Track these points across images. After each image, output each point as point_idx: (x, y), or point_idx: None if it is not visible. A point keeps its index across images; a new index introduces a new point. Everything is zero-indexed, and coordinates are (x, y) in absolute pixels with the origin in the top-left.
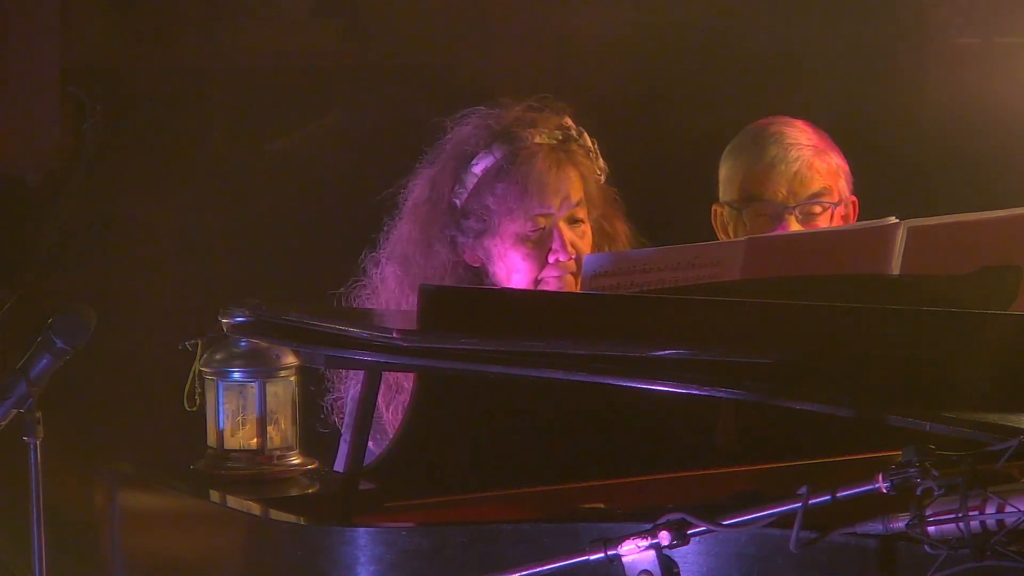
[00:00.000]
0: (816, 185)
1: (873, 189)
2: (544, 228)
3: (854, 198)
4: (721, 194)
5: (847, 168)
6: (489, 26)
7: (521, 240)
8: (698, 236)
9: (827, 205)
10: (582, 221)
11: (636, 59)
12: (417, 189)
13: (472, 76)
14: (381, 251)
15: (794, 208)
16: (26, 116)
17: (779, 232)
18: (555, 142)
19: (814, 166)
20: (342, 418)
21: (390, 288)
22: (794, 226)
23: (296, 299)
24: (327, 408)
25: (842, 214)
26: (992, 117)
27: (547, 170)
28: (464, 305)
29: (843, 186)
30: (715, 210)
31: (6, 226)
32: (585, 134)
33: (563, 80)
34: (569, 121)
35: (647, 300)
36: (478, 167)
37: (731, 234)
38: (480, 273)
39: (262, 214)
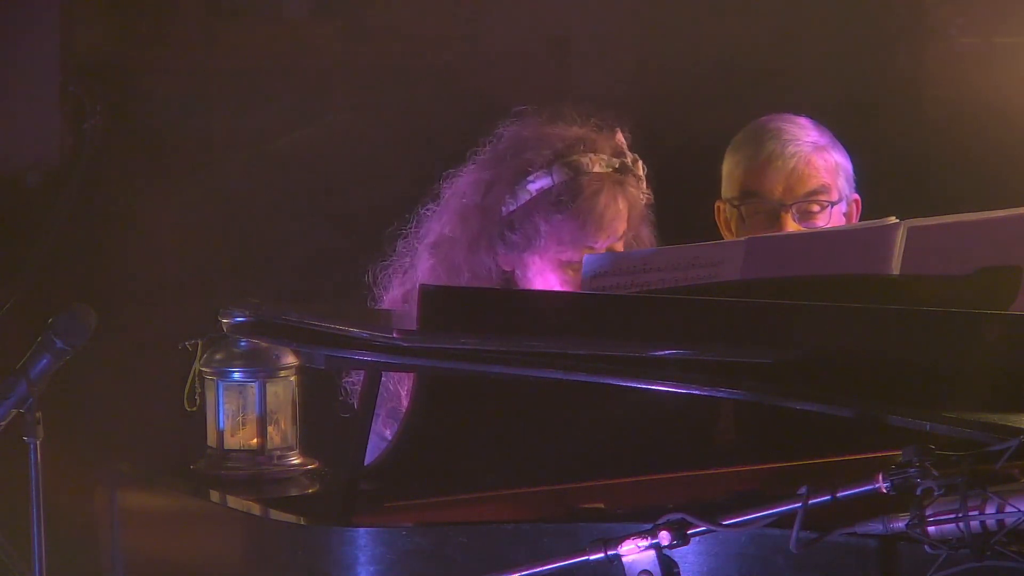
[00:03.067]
0: (813, 183)
1: (873, 189)
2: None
3: (856, 196)
4: (723, 190)
5: (849, 166)
6: (489, 26)
7: (563, 267)
8: (698, 236)
9: (825, 203)
10: (620, 244)
11: (636, 59)
12: (467, 188)
13: (472, 76)
14: (418, 235)
15: (791, 206)
16: (26, 116)
17: (778, 232)
18: (612, 171)
19: (812, 163)
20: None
21: (424, 278)
22: (791, 224)
23: (296, 299)
24: (347, 389)
25: (843, 212)
26: (992, 117)
27: (604, 208)
28: (464, 305)
29: (843, 184)
30: (718, 207)
31: (6, 226)
32: (638, 160)
33: (563, 80)
34: (621, 140)
35: (647, 300)
36: (534, 185)
37: (733, 231)
38: (509, 279)
39: (262, 214)
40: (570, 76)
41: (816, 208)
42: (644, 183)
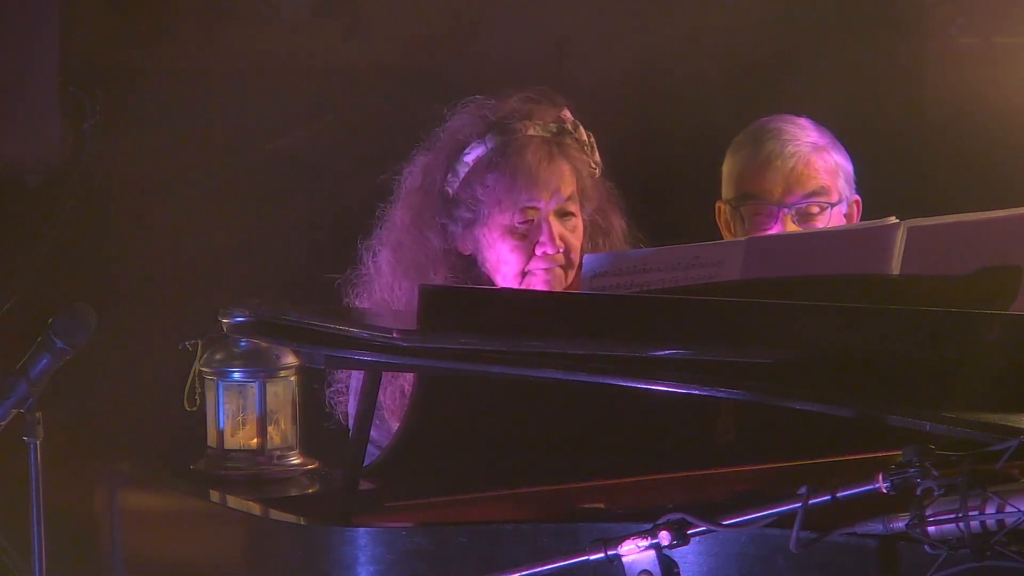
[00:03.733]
0: (812, 184)
1: (873, 189)
2: (533, 220)
3: (857, 197)
4: (723, 191)
5: (850, 167)
6: (489, 26)
7: (509, 232)
8: (698, 236)
9: (824, 205)
10: (573, 215)
11: (636, 59)
12: (411, 176)
13: (472, 76)
14: (375, 238)
15: (790, 208)
16: (26, 116)
17: (778, 232)
18: (548, 135)
19: (811, 164)
20: (345, 412)
21: (384, 275)
22: (790, 226)
23: (296, 299)
24: (330, 403)
25: (843, 213)
26: (992, 117)
27: (537, 163)
28: (464, 305)
29: (843, 185)
30: (718, 207)
31: (6, 226)
32: (581, 128)
33: (563, 80)
34: (567, 114)
35: (647, 300)
36: (470, 156)
37: (732, 232)
38: (471, 261)
39: (262, 214)
40: (570, 76)
41: (815, 210)
42: (593, 152)
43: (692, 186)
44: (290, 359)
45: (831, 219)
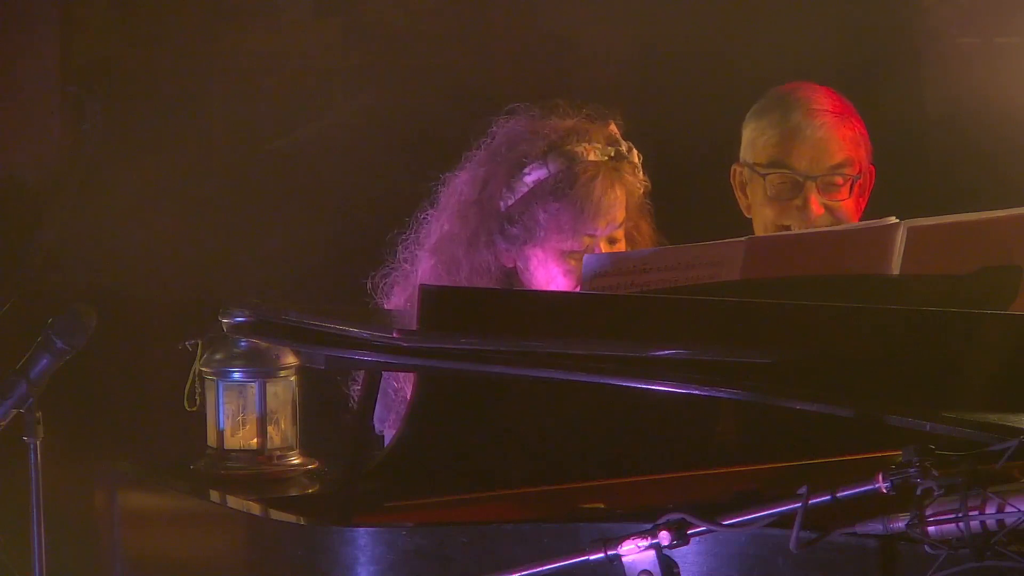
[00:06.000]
0: (839, 156)
1: (873, 189)
2: (587, 247)
3: (872, 167)
4: (742, 154)
5: (867, 136)
6: (489, 26)
7: (564, 256)
8: (699, 236)
9: (848, 177)
10: (619, 240)
11: (636, 60)
12: (464, 186)
13: (472, 76)
14: (416, 240)
15: (816, 178)
16: (26, 116)
17: (778, 232)
18: (607, 159)
19: (838, 133)
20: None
21: (427, 280)
22: (814, 196)
23: (296, 298)
24: (354, 399)
25: (860, 183)
26: (992, 117)
27: (601, 195)
28: (464, 305)
29: (863, 155)
30: (735, 169)
31: (6, 226)
32: (633, 148)
33: (563, 80)
34: (615, 129)
35: (647, 300)
36: (530, 177)
37: (748, 195)
38: (511, 274)
39: (262, 214)
40: (571, 75)
41: (840, 181)
42: (640, 171)
43: (692, 186)
44: (290, 359)
45: (853, 190)
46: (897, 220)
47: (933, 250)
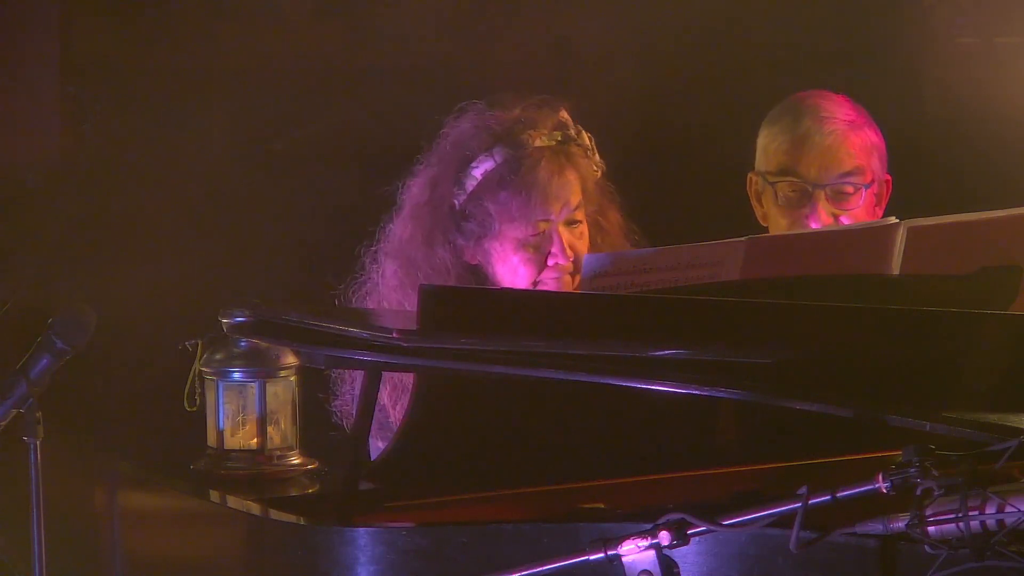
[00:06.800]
0: (848, 164)
1: None
2: (544, 232)
3: (888, 176)
4: (756, 163)
5: (883, 145)
6: (489, 26)
7: (522, 245)
8: (699, 235)
9: (858, 185)
10: (580, 222)
11: (636, 59)
12: (416, 189)
13: (472, 76)
14: (380, 248)
15: (825, 186)
16: (26, 116)
17: (778, 232)
18: (555, 143)
19: (848, 142)
20: (350, 421)
21: (391, 286)
22: (823, 204)
23: (296, 299)
24: (337, 414)
25: (875, 192)
26: (992, 117)
27: (549, 178)
28: (464, 305)
29: (876, 164)
30: (750, 178)
31: (6, 226)
32: (583, 132)
33: (563, 80)
34: (566, 115)
35: (647, 300)
36: (478, 171)
37: (764, 204)
38: (479, 271)
39: (262, 214)
40: (571, 76)
41: (850, 190)
42: (594, 153)
43: (693, 186)
44: (290, 359)
45: (864, 199)
46: (897, 220)
47: (933, 250)
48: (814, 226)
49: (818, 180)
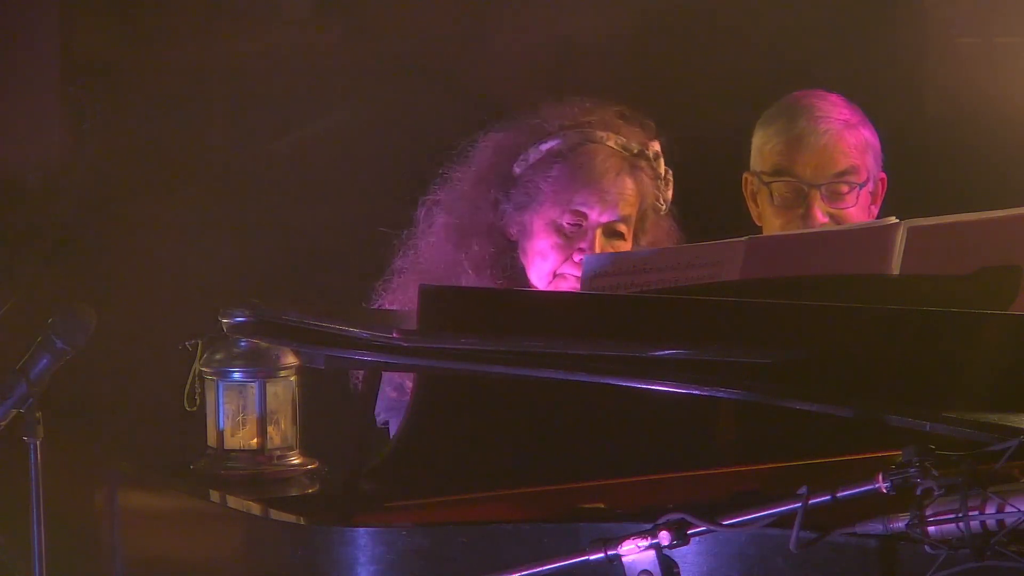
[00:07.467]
0: (843, 163)
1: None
2: (581, 226)
3: (883, 175)
4: (751, 163)
5: (878, 144)
6: (489, 26)
7: (555, 228)
8: (700, 235)
9: (853, 184)
10: (622, 238)
11: (636, 59)
12: (485, 149)
13: (472, 76)
14: (436, 197)
15: (820, 186)
16: (26, 116)
17: (778, 232)
18: (626, 152)
19: (843, 141)
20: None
21: (439, 237)
22: (819, 204)
23: (296, 299)
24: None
25: (870, 191)
26: (992, 117)
27: (603, 170)
28: (464, 305)
29: (871, 163)
30: (746, 178)
31: (6, 226)
32: (663, 162)
33: (563, 80)
34: (656, 145)
35: (647, 300)
36: (544, 146)
37: (759, 204)
38: (513, 246)
39: (262, 214)
40: (572, 76)
41: (845, 189)
42: (666, 188)
43: (693, 186)
44: (290, 359)
45: (859, 198)
46: (897, 220)
47: (933, 250)
48: (807, 226)
49: (814, 180)
